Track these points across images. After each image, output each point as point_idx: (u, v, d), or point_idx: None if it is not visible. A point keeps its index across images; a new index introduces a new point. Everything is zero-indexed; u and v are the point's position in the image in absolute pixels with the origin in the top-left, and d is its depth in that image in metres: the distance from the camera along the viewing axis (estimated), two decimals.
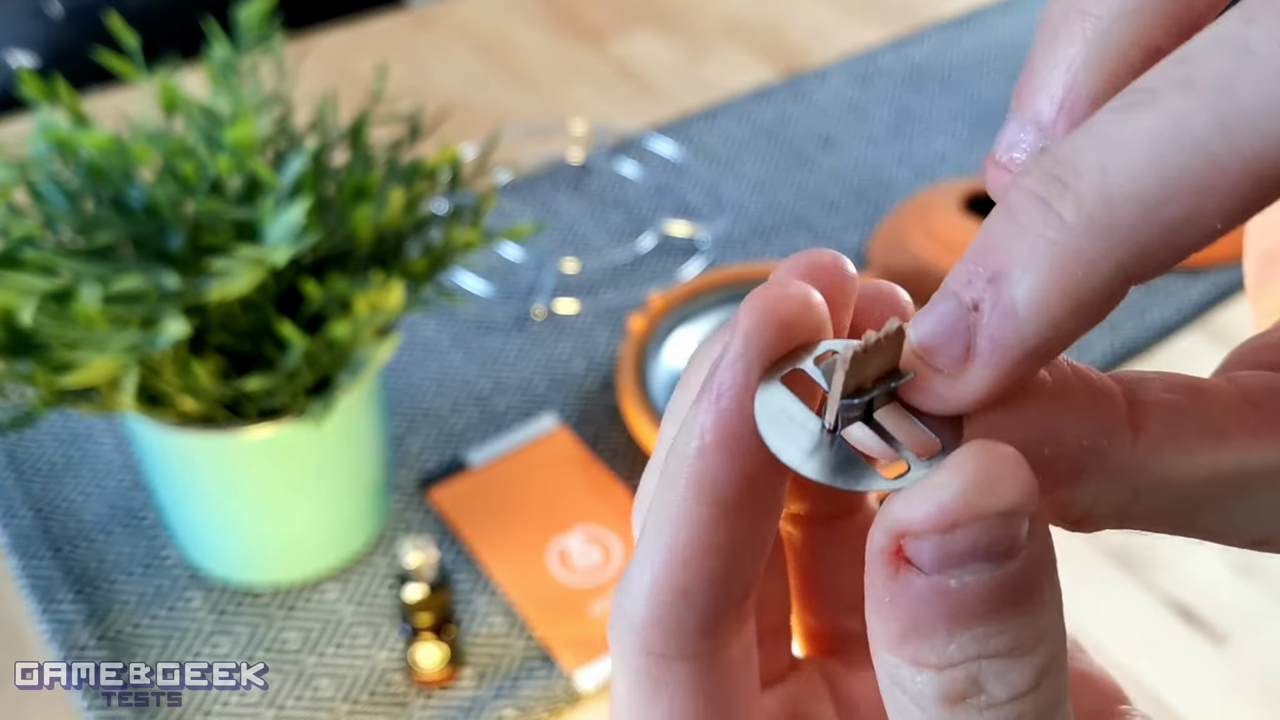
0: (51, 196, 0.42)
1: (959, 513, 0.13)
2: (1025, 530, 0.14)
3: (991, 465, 0.14)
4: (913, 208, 0.69)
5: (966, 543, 0.14)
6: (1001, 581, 0.14)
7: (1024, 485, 0.14)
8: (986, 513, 0.13)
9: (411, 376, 0.62)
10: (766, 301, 0.15)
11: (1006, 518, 0.14)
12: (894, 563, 0.14)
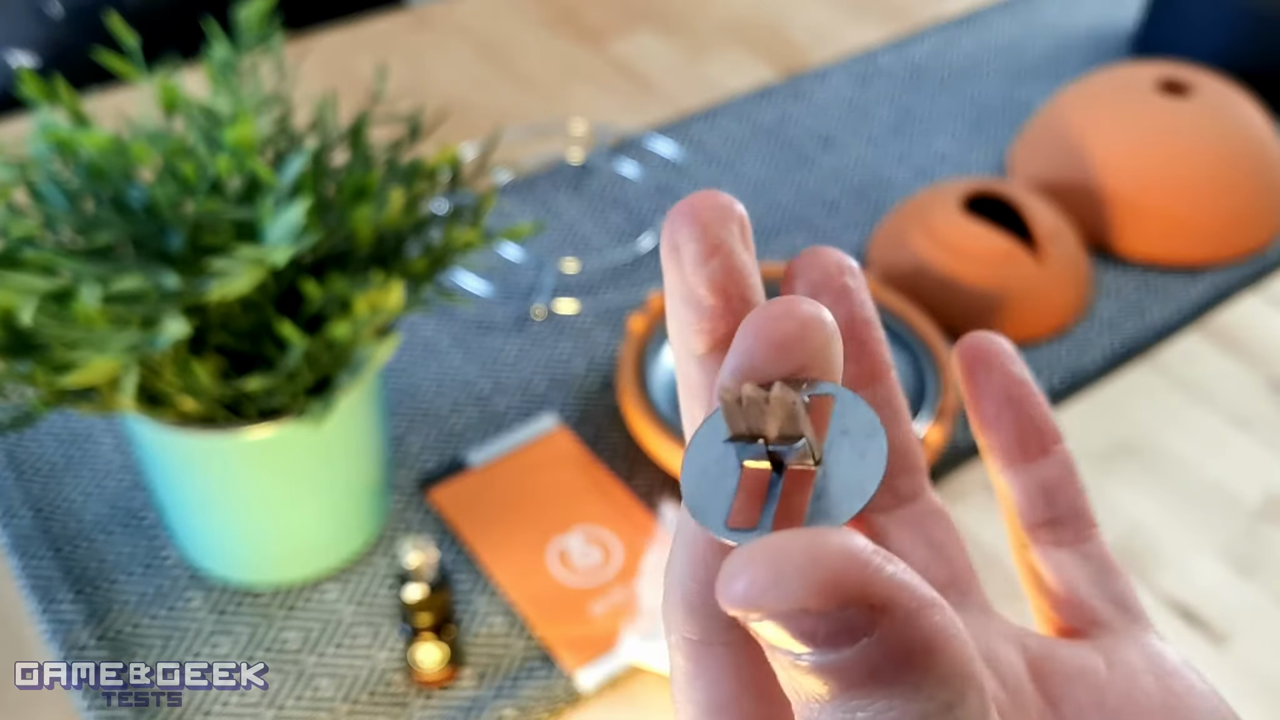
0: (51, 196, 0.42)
1: (755, 604, 0.13)
2: (853, 619, 0.13)
3: (781, 560, 0.13)
4: (913, 208, 0.69)
5: (784, 627, 0.13)
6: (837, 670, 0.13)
7: (814, 585, 0.13)
8: (778, 610, 0.13)
9: (411, 376, 0.62)
10: (765, 319, 0.16)
11: (801, 615, 0.13)
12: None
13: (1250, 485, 0.59)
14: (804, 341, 0.16)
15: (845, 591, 0.13)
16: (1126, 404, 0.64)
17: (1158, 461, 0.61)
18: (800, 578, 0.13)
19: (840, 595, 0.13)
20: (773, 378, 0.16)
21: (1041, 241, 0.65)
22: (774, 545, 0.13)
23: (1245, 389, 0.65)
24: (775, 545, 0.13)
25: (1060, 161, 0.73)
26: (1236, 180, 0.71)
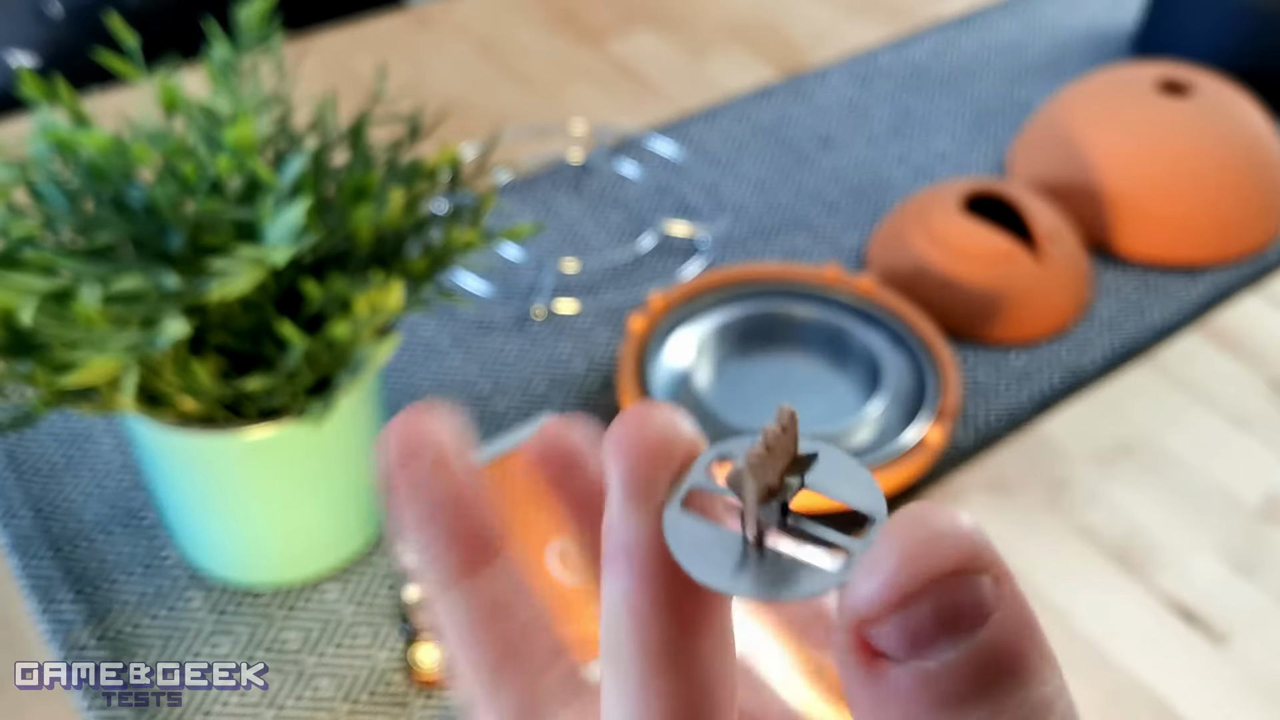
0: (51, 196, 0.42)
1: (906, 582, 0.13)
2: (988, 590, 0.13)
3: (929, 524, 0.13)
4: (913, 208, 0.69)
5: (926, 614, 0.13)
6: (981, 652, 0.13)
7: (970, 540, 0.13)
8: (933, 575, 0.13)
9: (411, 376, 0.62)
10: (631, 438, 0.15)
11: (958, 578, 0.13)
12: (867, 661, 0.13)
13: (1250, 485, 0.59)
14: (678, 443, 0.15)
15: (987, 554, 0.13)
16: (1126, 404, 0.64)
17: (1158, 461, 0.61)
18: (956, 534, 0.13)
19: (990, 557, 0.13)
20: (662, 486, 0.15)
21: (1041, 241, 0.65)
22: (915, 510, 0.13)
23: (1245, 389, 0.65)
24: (916, 510, 0.13)
25: (1060, 161, 0.73)
26: (1236, 180, 0.71)
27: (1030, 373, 0.64)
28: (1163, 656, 0.52)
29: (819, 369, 0.62)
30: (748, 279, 0.64)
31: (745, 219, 0.74)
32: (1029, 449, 0.60)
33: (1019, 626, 0.13)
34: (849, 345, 0.61)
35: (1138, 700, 0.50)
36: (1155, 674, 0.51)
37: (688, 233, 0.72)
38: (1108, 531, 0.57)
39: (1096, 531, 0.57)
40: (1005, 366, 0.64)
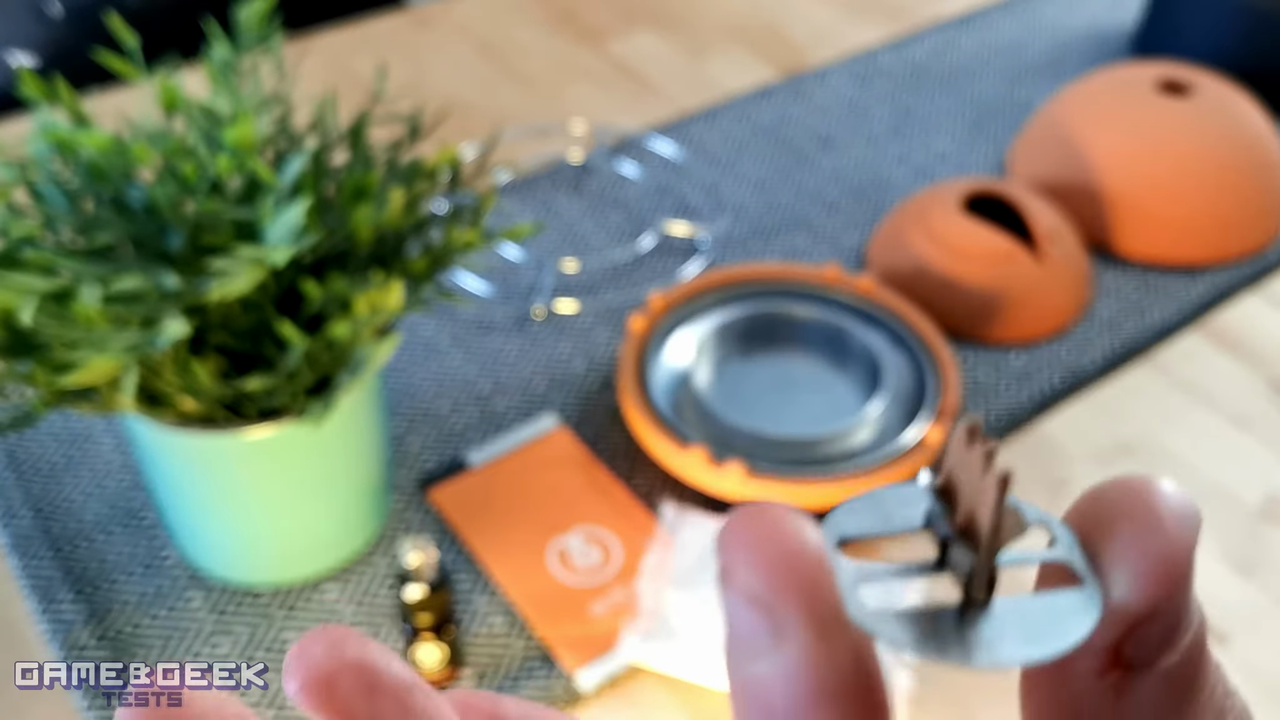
0: (51, 196, 0.42)
1: (1181, 566, 0.12)
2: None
3: (1169, 491, 0.12)
4: (913, 208, 0.69)
5: (1183, 595, 0.12)
6: (1202, 627, 0.13)
7: (1196, 509, 0.13)
8: (1194, 538, 0.12)
9: (411, 376, 0.62)
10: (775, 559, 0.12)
11: (1193, 560, 0.12)
12: (1116, 683, 0.12)
13: (1250, 485, 0.59)
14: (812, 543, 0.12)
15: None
16: (1126, 404, 0.64)
17: (1158, 461, 0.61)
18: (1186, 499, 0.12)
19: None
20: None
21: (1041, 241, 0.65)
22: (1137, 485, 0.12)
23: (1245, 389, 0.65)
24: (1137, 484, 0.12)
25: (1060, 161, 0.73)
26: (1236, 180, 0.71)
27: (1030, 373, 0.64)
28: None
29: (819, 369, 0.62)
30: (748, 279, 0.64)
31: (745, 219, 0.74)
32: (1029, 449, 0.60)
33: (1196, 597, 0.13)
34: (849, 345, 0.61)
35: None
36: None
37: (688, 233, 0.72)
38: None
39: None
40: (1005, 366, 0.64)
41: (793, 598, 0.11)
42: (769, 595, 0.11)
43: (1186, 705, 0.12)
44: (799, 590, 0.11)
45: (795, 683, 0.11)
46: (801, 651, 0.11)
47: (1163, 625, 0.12)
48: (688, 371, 0.60)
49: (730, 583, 0.12)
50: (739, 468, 0.53)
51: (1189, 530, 0.12)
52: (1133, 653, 0.12)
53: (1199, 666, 0.12)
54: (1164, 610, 0.12)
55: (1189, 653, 0.12)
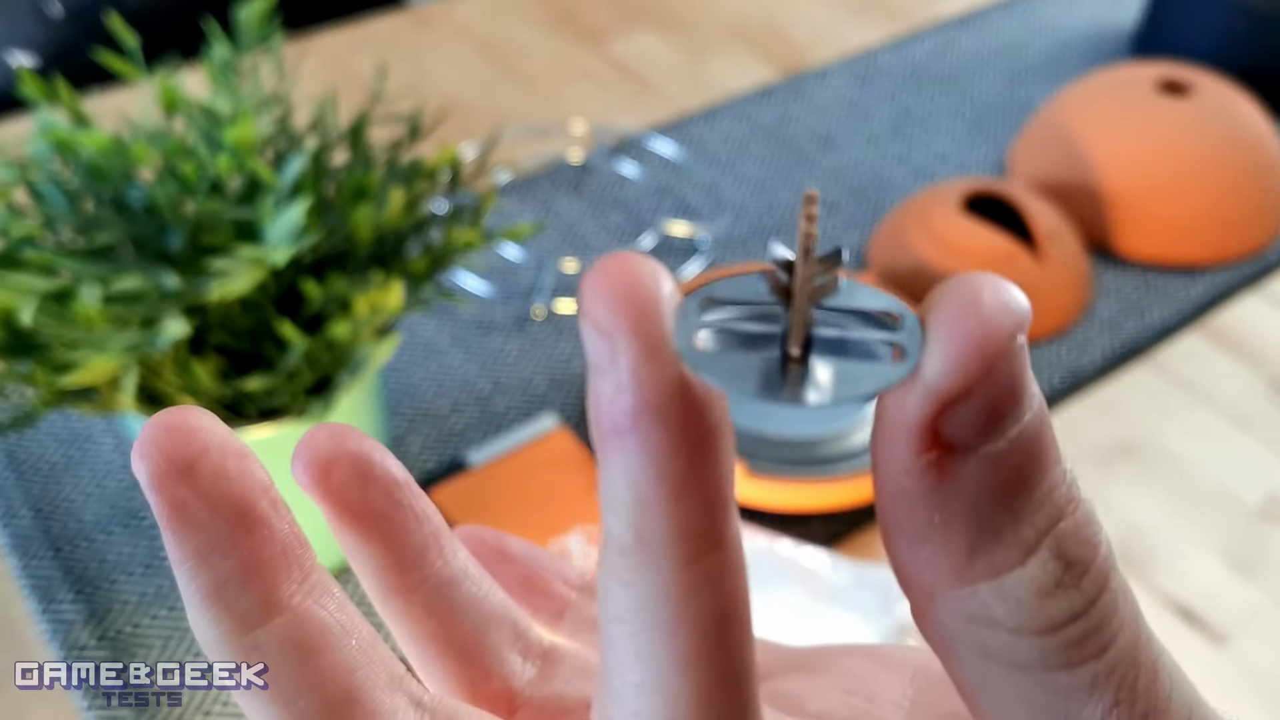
0: (52, 197, 0.42)
1: (994, 348, 0.12)
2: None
3: (988, 288, 0.12)
4: (913, 208, 0.69)
5: (1010, 380, 0.12)
6: (1038, 422, 0.13)
7: (1023, 300, 0.12)
8: (1012, 337, 0.12)
9: (411, 376, 0.62)
10: (623, 288, 0.13)
11: (1024, 342, 0.12)
12: (935, 464, 0.12)
13: (1250, 485, 0.59)
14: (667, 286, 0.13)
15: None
16: (1126, 404, 0.64)
17: (1158, 461, 0.61)
18: (1013, 289, 0.12)
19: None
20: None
21: (1041, 241, 0.65)
22: (968, 278, 0.12)
23: (1245, 389, 0.65)
24: (969, 278, 0.12)
25: (1060, 161, 0.73)
26: (1236, 180, 0.71)
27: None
28: None
29: None
30: None
31: (745, 219, 0.74)
32: None
33: (1041, 396, 0.13)
34: None
35: None
36: None
37: (688, 233, 0.72)
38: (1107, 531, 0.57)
39: None
40: None
41: (626, 322, 0.13)
42: (608, 320, 0.13)
43: (1014, 497, 0.12)
44: (633, 315, 0.13)
45: (623, 395, 0.13)
46: (630, 367, 0.13)
47: (980, 406, 0.12)
48: None
49: (584, 315, 0.13)
50: (739, 467, 0.53)
51: (1007, 316, 0.12)
52: (949, 432, 0.12)
53: (1031, 459, 0.13)
54: (978, 390, 0.12)
55: (1018, 442, 0.12)
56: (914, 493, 0.13)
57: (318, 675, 0.16)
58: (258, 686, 0.16)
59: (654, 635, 0.14)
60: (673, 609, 0.14)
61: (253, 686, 0.16)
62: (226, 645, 0.16)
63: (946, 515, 0.13)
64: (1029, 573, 0.13)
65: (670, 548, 0.13)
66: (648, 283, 0.13)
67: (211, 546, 0.15)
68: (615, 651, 0.14)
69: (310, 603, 0.16)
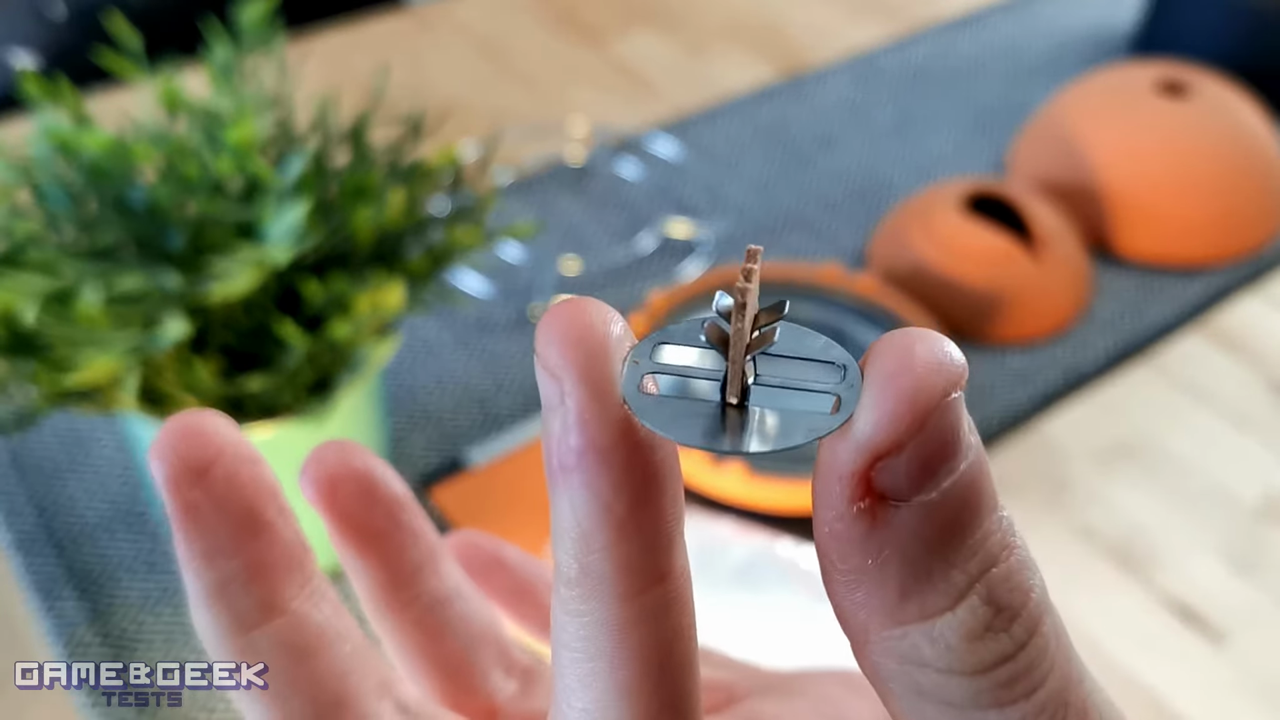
0: (53, 197, 0.43)
1: (924, 404, 0.12)
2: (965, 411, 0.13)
3: (922, 345, 0.13)
4: (913, 208, 0.69)
5: (942, 434, 0.12)
6: (973, 474, 0.13)
7: (959, 357, 0.13)
8: (944, 394, 0.12)
9: (411, 376, 0.62)
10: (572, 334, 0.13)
11: (960, 398, 0.13)
12: (868, 511, 0.13)
13: (1250, 485, 0.60)
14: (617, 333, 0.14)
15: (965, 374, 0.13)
16: (1126, 404, 0.64)
17: (1158, 461, 0.61)
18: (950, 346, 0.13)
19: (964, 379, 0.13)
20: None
21: (1041, 241, 0.65)
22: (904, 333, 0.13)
23: (1245, 389, 0.65)
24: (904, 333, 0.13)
25: (1060, 161, 0.73)
26: (1236, 180, 0.71)
27: (1030, 373, 0.64)
28: (1161, 656, 0.52)
29: None
30: None
31: (745, 219, 0.74)
32: (1029, 449, 0.61)
33: (980, 447, 0.13)
34: (849, 345, 0.62)
35: (1136, 699, 0.50)
36: (1154, 673, 0.51)
37: (688, 233, 0.72)
38: (1107, 531, 0.57)
39: (1096, 531, 0.57)
40: (1005, 366, 0.64)
41: (574, 365, 0.13)
42: (558, 363, 0.13)
43: (946, 545, 0.13)
44: (580, 359, 0.13)
45: (570, 434, 0.13)
46: (576, 408, 0.13)
47: (912, 460, 0.12)
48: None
49: (537, 359, 0.14)
50: (739, 467, 0.53)
51: (939, 375, 0.12)
52: (881, 483, 0.13)
53: (965, 509, 0.13)
54: (910, 446, 0.12)
55: (951, 493, 0.13)
56: (848, 537, 0.13)
57: (311, 677, 0.17)
58: (257, 686, 0.17)
59: (598, 664, 0.14)
60: (615, 640, 0.14)
61: (252, 686, 0.16)
62: (225, 643, 0.16)
63: (880, 560, 0.13)
64: (959, 617, 0.13)
65: (612, 581, 0.14)
66: (597, 328, 0.13)
67: (219, 548, 0.16)
68: (563, 677, 0.15)
69: (309, 607, 0.17)
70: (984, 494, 0.13)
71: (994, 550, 0.13)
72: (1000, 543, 0.13)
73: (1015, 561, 0.13)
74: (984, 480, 0.13)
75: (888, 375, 0.12)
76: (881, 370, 0.13)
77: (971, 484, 0.13)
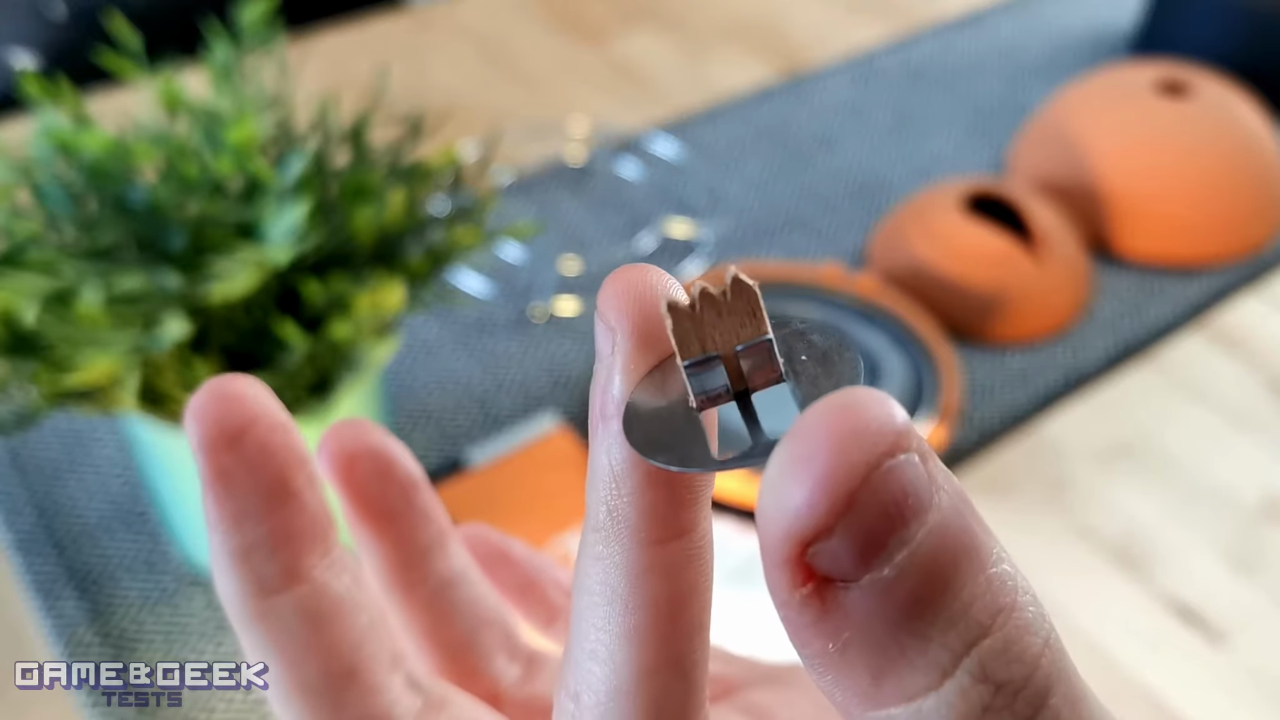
0: (54, 197, 0.43)
1: (847, 477, 0.11)
2: (922, 471, 0.11)
3: (848, 408, 0.11)
4: (913, 208, 0.69)
5: (874, 512, 0.11)
6: (935, 540, 0.11)
7: (897, 415, 0.11)
8: (872, 464, 0.11)
9: (412, 376, 0.62)
10: (629, 304, 0.14)
11: (897, 464, 0.11)
12: (815, 595, 0.11)
13: (1250, 485, 0.60)
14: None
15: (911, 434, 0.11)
16: (1126, 404, 0.64)
17: (1157, 461, 0.61)
18: (881, 411, 0.11)
19: (913, 431, 0.11)
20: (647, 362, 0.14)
21: (1041, 241, 0.65)
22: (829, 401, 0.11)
23: (1245, 389, 0.65)
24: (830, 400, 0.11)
25: (1060, 161, 0.73)
26: (1236, 180, 0.71)
27: (1030, 373, 0.64)
28: (1161, 656, 0.52)
29: None
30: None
31: (745, 219, 0.74)
32: (1029, 449, 0.61)
33: (959, 503, 0.12)
34: None
35: (1136, 699, 0.50)
36: (1154, 673, 0.51)
37: (688, 233, 0.72)
38: (1107, 531, 0.57)
39: (1096, 531, 0.57)
40: (1005, 366, 0.64)
41: (627, 320, 0.14)
42: (614, 317, 0.14)
43: (915, 621, 0.11)
44: (635, 315, 0.14)
45: (613, 384, 0.14)
46: (622, 361, 0.14)
47: (850, 539, 0.11)
48: None
49: (597, 313, 0.14)
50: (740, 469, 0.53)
51: (864, 442, 0.11)
52: (822, 566, 0.11)
53: (933, 581, 0.11)
54: (840, 528, 0.11)
55: (910, 567, 0.11)
56: (799, 624, 0.12)
57: (326, 645, 0.17)
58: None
59: (612, 607, 0.14)
60: (631, 584, 0.14)
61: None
62: (245, 606, 0.17)
63: (840, 644, 0.12)
64: (945, 700, 0.11)
65: (637, 526, 0.14)
66: (654, 291, 0.14)
67: (247, 513, 0.16)
68: (579, 622, 0.15)
69: (329, 577, 0.17)
70: (961, 555, 0.11)
71: (982, 620, 0.11)
72: (991, 607, 0.11)
73: (1015, 627, 0.12)
74: (961, 538, 0.11)
75: (798, 461, 0.11)
76: (793, 451, 0.11)
77: (940, 548, 0.11)
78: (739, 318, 0.14)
